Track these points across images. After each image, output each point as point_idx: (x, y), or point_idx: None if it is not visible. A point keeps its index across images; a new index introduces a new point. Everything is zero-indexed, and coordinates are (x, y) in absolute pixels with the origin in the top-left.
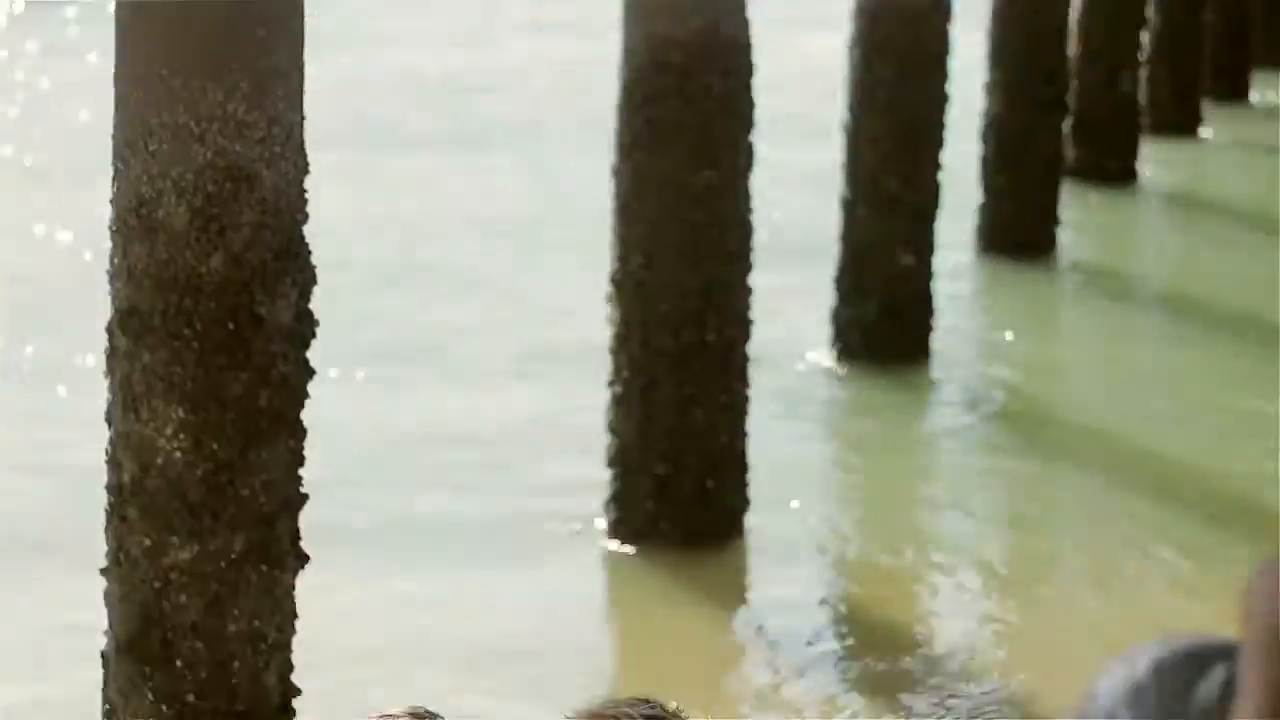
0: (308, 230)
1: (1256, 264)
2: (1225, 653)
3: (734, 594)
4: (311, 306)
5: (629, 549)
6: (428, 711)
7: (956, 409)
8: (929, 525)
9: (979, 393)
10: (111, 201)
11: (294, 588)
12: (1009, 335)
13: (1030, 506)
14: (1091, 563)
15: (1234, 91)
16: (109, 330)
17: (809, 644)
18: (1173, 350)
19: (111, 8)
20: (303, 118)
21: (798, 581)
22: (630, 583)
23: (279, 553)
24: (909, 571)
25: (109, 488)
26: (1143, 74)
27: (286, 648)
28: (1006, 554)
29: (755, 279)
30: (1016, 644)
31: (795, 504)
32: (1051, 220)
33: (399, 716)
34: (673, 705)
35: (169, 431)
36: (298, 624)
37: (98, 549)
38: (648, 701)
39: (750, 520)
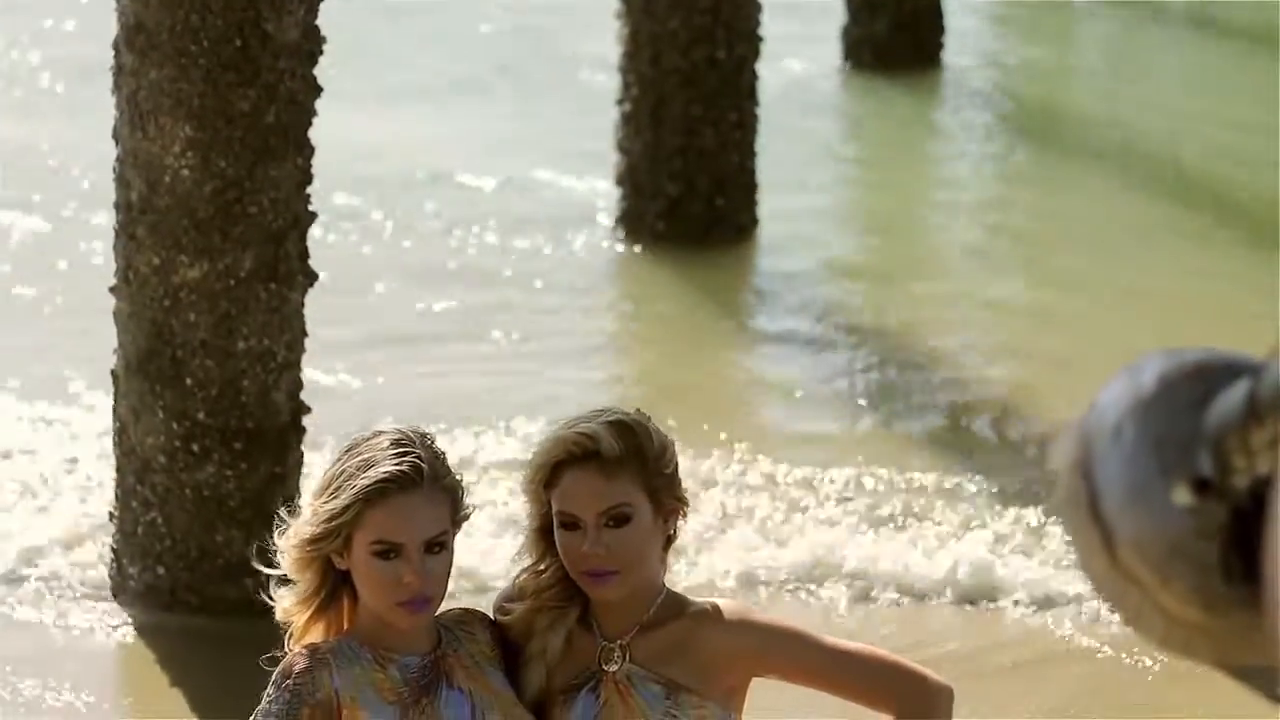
0: None
1: None
2: (1236, 369)
3: (738, 289)
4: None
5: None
6: (417, 431)
7: (966, 113)
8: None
9: (991, 99)
10: None
11: (303, 306)
12: (1021, 48)
13: (1043, 207)
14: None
15: None
16: (115, 46)
17: (810, 343)
18: (1186, 58)
19: None
20: None
21: (801, 279)
22: (637, 279)
23: (288, 271)
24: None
25: (117, 206)
26: None
27: (296, 366)
28: (1017, 246)
29: None
30: (1021, 342)
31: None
32: None
33: (390, 433)
34: (633, 410)
35: (176, 149)
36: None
37: None
38: (608, 411)
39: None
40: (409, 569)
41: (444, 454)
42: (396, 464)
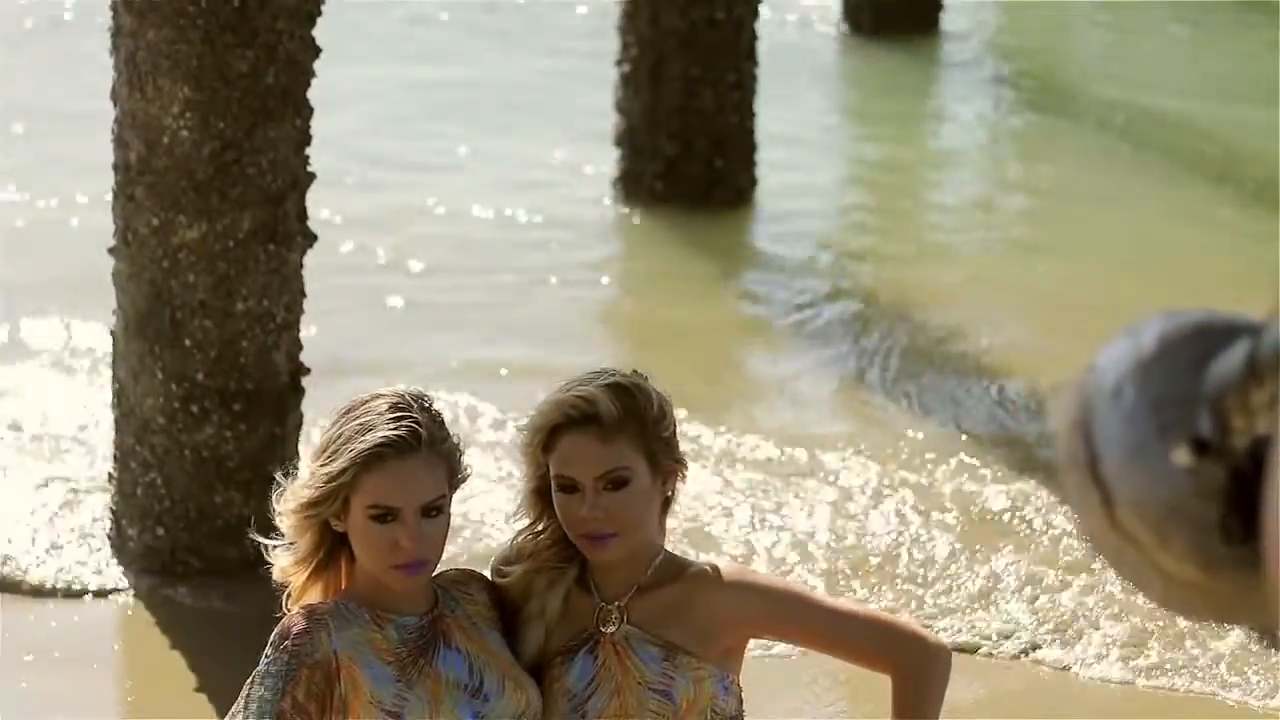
0: None
1: None
2: (1235, 329)
3: (737, 249)
4: None
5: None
6: (415, 394)
7: (965, 78)
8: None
9: (989, 65)
10: None
11: (301, 266)
12: (1021, 12)
13: (1039, 171)
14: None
15: None
16: (113, 7)
17: (809, 303)
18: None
19: None
20: None
21: (800, 240)
22: (635, 240)
23: (287, 232)
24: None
25: (116, 167)
26: None
27: (295, 327)
28: (1015, 208)
29: None
30: (1021, 302)
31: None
32: None
33: (388, 396)
34: (630, 371)
35: (175, 110)
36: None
37: None
38: (605, 372)
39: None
40: (405, 533)
41: (442, 417)
42: (394, 428)
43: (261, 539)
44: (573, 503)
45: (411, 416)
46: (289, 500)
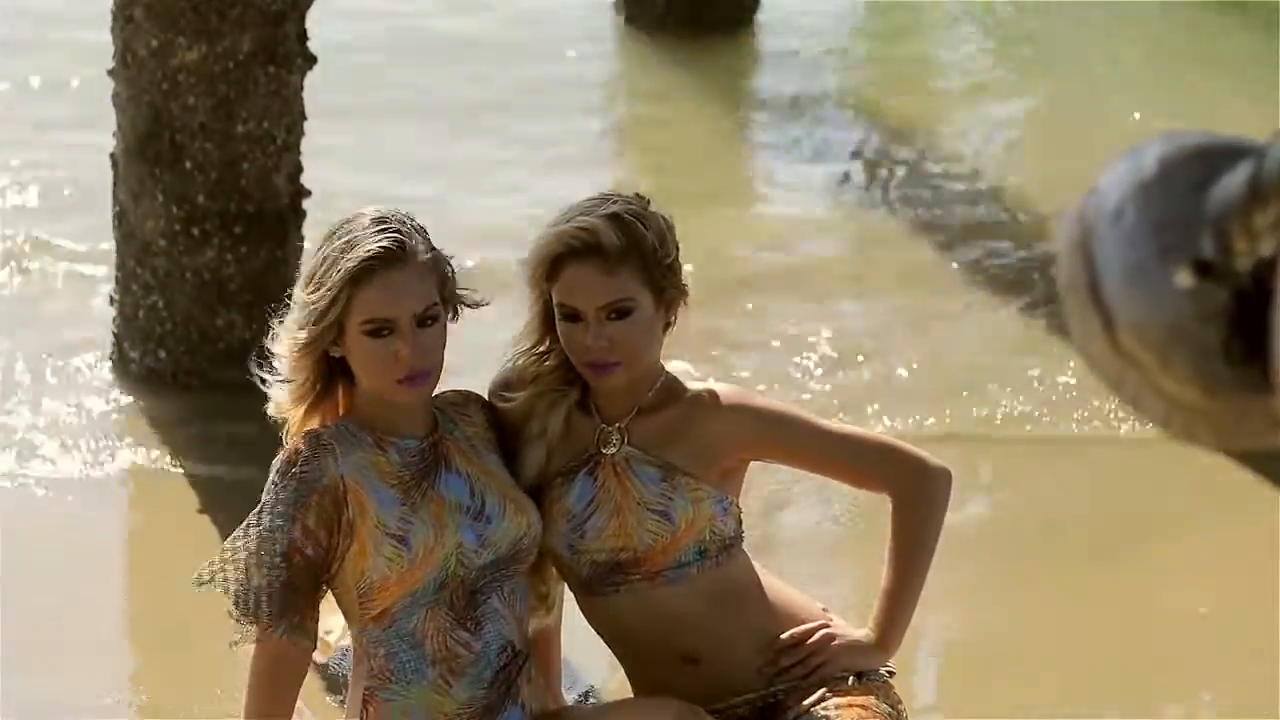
0: None
1: None
2: (1237, 151)
3: (741, 70)
4: None
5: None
6: (397, 211)
7: None
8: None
9: None
10: None
11: (301, 89)
12: None
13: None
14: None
15: None
16: None
17: (813, 123)
18: None
19: None
20: None
21: (803, 63)
22: (639, 61)
23: (287, 53)
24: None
25: None
26: None
27: (295, 149)
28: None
29: None
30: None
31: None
32: None
33: (369, 212)
34: (632, 197)
35: None
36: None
37: None
38: (608, 200)
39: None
40: (403, 344)
41: (426, 230)
42: (379, 240)
43: (261, 376)
44: (576, 331)
45: (395, 228)
46: (284, 341)
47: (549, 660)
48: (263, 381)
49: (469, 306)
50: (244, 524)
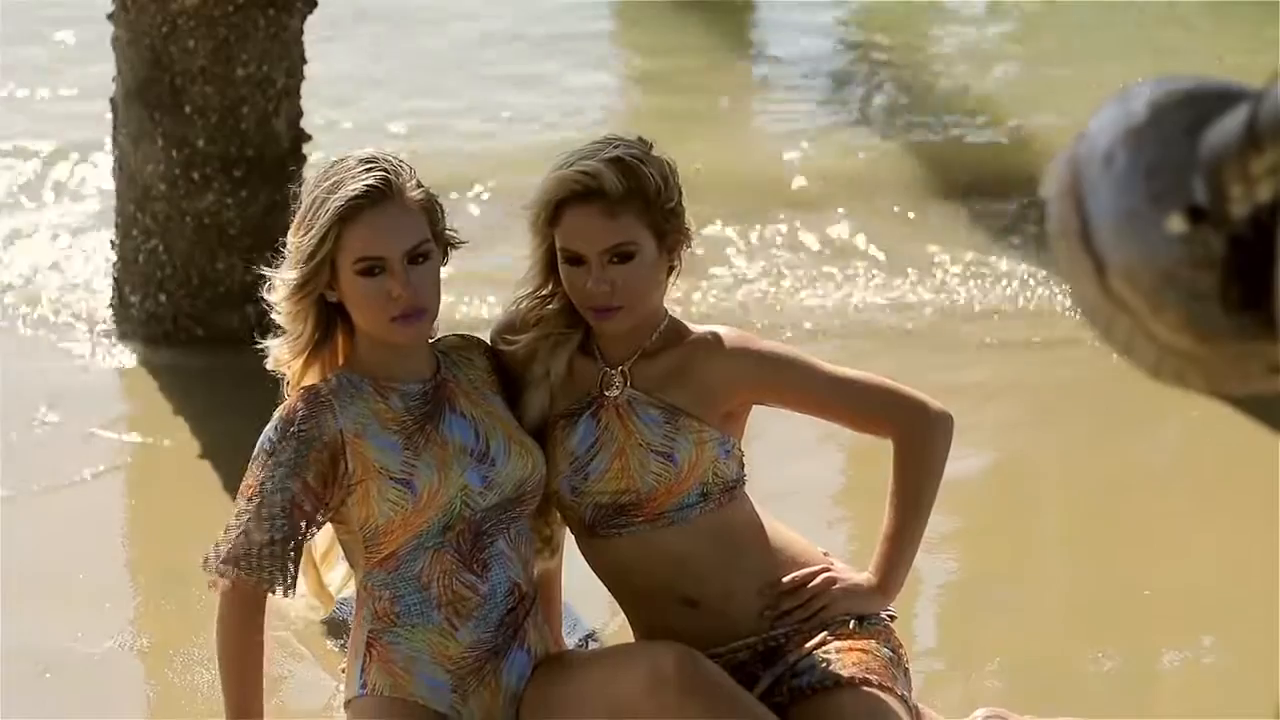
0: None
1: None
2: (1228, 96)
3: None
4: None
5: None
6: (383, 152)
7: None
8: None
9: None
10: None
11: (301, 32)
12: None
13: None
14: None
15: None
16: None
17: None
18: None
19: None
20: None
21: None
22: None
23: None
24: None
25: None
26: None
27: (295, 93)
28: None
29: None
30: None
31: None
32: None
33: (356, 153)
34: (634, 139)
35: None
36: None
37: None
38: (610, 143)
39: None
40: (396, 281)
41: (413, 169)
42: (365, 179)
43: (263, 342)
44: (579, 275)
45: (382, 166)
46: (279, 288)
47: (550, 603)
48: (264, 338)
49: (453, 247)
50: (249, 481)
